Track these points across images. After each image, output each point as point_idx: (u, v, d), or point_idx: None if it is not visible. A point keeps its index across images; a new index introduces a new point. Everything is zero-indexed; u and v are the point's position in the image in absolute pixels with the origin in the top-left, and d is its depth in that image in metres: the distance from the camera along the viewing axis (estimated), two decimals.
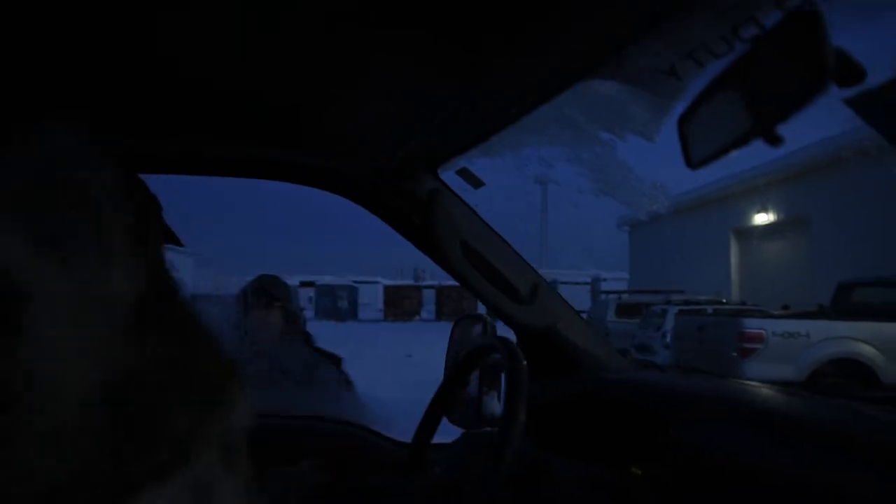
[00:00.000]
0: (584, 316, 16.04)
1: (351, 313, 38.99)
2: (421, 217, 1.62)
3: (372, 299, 41.20)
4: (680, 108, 0.90)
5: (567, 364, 1.70)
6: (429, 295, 39.98)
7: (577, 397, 1.59)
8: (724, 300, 14.82)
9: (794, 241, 16.57)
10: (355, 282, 41.91)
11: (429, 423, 1.49)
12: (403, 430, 1.83)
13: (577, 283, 35.59)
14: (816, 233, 15.48)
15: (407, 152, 1.48)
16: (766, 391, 1.39)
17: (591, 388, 1.60)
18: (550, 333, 1.68)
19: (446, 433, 1.52)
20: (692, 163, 0.86)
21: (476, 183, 1.58)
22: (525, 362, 1.14)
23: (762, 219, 17.78)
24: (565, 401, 1.61)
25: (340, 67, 1.10)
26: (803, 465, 0.96)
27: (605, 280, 33.85)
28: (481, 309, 1.87)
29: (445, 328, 1.88)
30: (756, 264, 18.43)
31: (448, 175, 1.60)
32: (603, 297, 17.21)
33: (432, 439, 1.50)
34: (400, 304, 39.77)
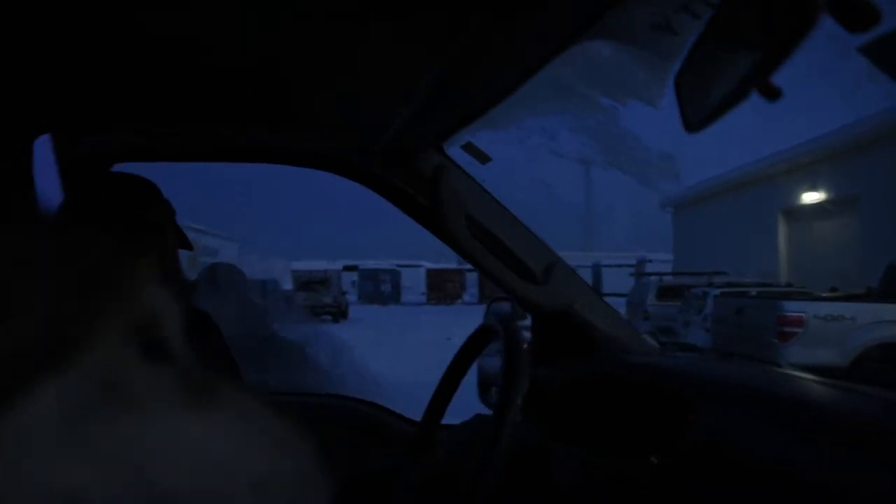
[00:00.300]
0: (624, 299, 15.83)
1: (394, 297, 39.24)
2: (426, 195, 1.57)
3: (415, 283, 41.37)
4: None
5: (585, 346, 1.63)
6: (472, 278, 39.92)
7: (595, 381, 1.52)
8: (771, 282, 14.42)
9: (843, 220, 16.02)
10: (398, 265, 42.13)
11: (437, 404, 1.45)
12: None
13: (622, 266, 35.00)
14: (866, 212, 14.94)
15: (409, 129, 1.43)
16: (799, 380, 1.31)
17: (609, 372, 1.53)
18: (567, 314, 1.62)
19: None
20: (689, 125, 0.78)
21: (482, 157, 1.52)
22: (525, 345, 1.09)
23: (811, 198, 17.22)
24: (582, 384, 1.54)
25: (336, 46, 1.06)
26: (827, 466, 0.88)
27: (650, 262, 33.25)
28: None
29: (483, 311, 1.86)
30: (805, 245, 17.88)
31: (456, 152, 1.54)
32: (644, 279, 16.91)
33: (441, 420, 1.46)
34: (442, 287, 39.85)
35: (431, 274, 41.14)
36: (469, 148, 1.50)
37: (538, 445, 1.20)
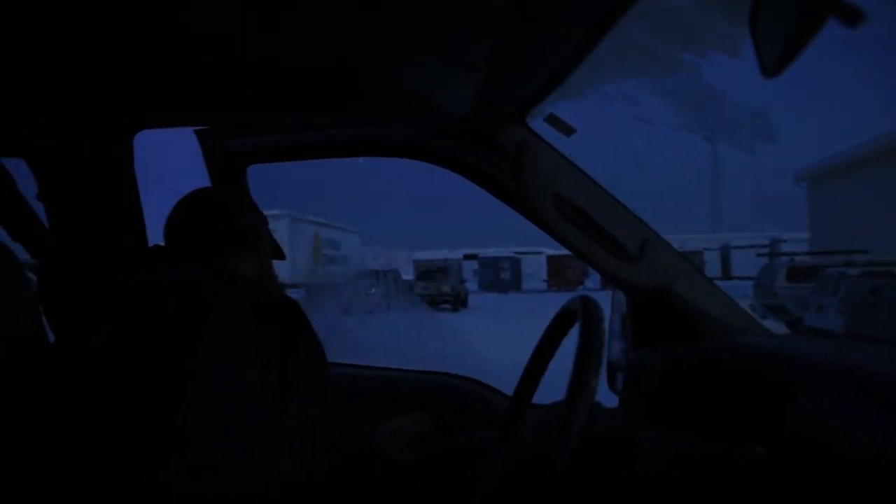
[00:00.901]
0: (752, 282, 14.97)
1: (514, 284, 39.12)
2: (510, 172, 1.51)
3: (535, 269, 41.06)
4: None
5: (686, 327, 1.53)
6: None
7: (696, 364, 1.41)
8: None
9: None
10: (518, 252, 41.96)
11: (526, 384, 1.41)
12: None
13: (752, 247, 33.11)
14: None
15: (487, 104, 1.38)
16: None
17: (712, 355, 1.43)
18: (665, 293, 1.52)
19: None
20: (766, 70, 0.69)
21: (567, 129, 1.44)
22: (604, 325, 1.01)
23: None
24: (682, 368, 1.44)
25: (405, 24, 1.05)
26: None
27: (784, 242, 31.27)
28: None
29: (609, 297, 1.80)
30: None
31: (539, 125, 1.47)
32: (773, 260, 15.91)
33: (530, 400, 1.42)
34: (563, 273, 39.29)
35: (552, 260, 40.66)
36: (552, 120, 1.43)
37: (624, 430, 1.13)
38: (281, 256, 1.55)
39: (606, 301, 1.88)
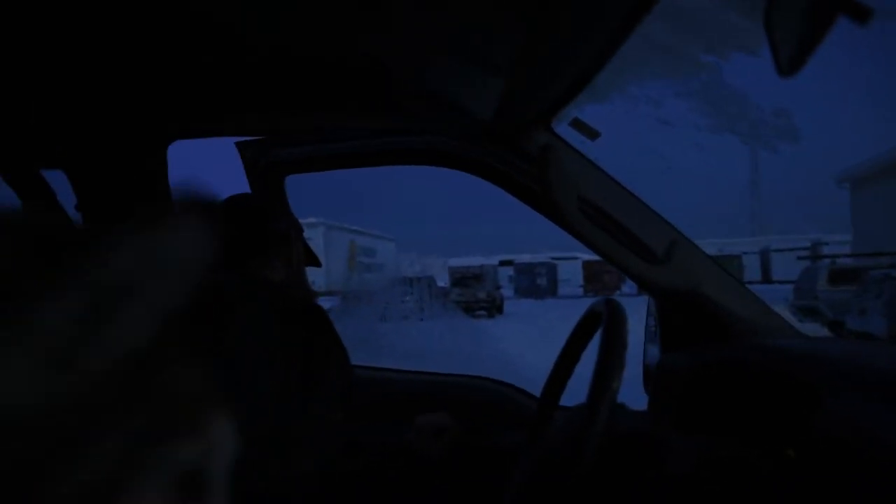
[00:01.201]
0: (792, 285, 14.64)
1: (550, 290, 38.94)
2: (535, 177, 1.52)
3: (571, 275, 40.82)
4: None
5: (715, 329, 1.52)
6: None
7: (725, 366, 1.40)
8: None
9: None
10: (553, 258, 41.75)
11: (553, 386, 1.41)
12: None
13: (793, 250, 32.41)
14: None
15: (511, 108, 1.38)
16: None
17: (741, 356, 1.41)
18: (693, 295, 1.51)
19: None
20: (782, 68, 0.70)
21: (591, 133, 1.44)
22: (627, 327, 1.02)
23: None
24: (711, 370, 1.43)
25: (431, 27, 1.06)
26: None
27: (826, 244, 30.58)
28: None
29: (646, 302, 1.80)
30: None
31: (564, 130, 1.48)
32: (814, 262, 15.51)
33: (557, 402, 1.42)
34: (600, 278, 38.94)
35: (588, 265, 40.36)
36: (576, 124, 1.43)
37: (651, 432, 1.13)
38: (316, 263, 1.58)
39: (643, 306, 1.88)
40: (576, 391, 1.44)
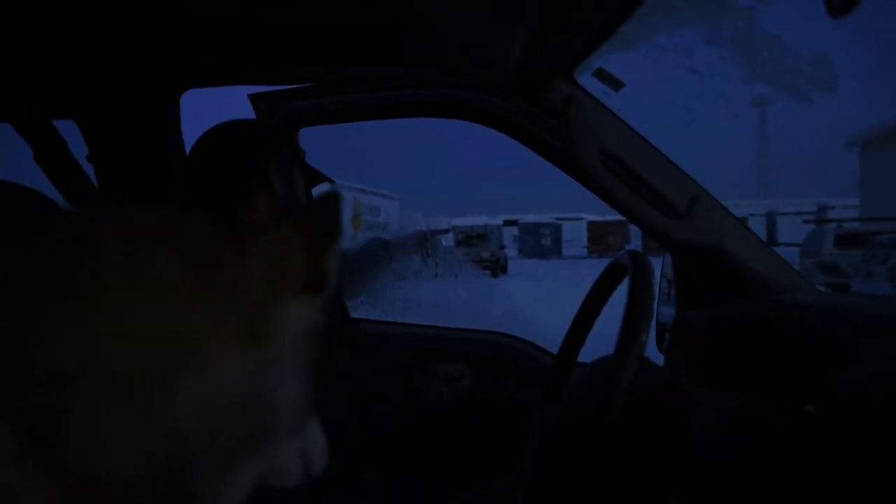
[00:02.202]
0: (798, 249, 14.60)
1: (554, 251, 38.91)
2: (556, 130, 1.49)
3: (576, 236, 40.75)
4: None
5: (734, 285, 1.50)
6: (636, 229, 38.42)
7: (745, 322, 1.39)
8: None
9: None
10: (558, 219, 41.64)
11: (572, 340, 1.41)
12: None
13: (800, 213, 32.19)
14: None
15: (533, 58, 1.35)
16: None
17: (760, 313, 1.40)
18: (713, 251, 1.49)
19: None
20: (834, 9, 0.67)
21: (615, 84, 1.41)
22: (654, 279, 1.00)
23: None
24: (731, 326, 1.42)
25: None
26: None
27: (832, 209, 30.37)
28: None
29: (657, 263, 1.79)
30: None
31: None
32: (820, 226, 15.43)
33: (576, 358, 1.43)
34: (604, 239, 38.90)
35: (592, 226, 40.27)
36: (600, 74, 1.40)
37: (674, 386, 1.12)
38: (324, 180, 1.56)
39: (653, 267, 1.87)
40: (590, 349, 1.44)
